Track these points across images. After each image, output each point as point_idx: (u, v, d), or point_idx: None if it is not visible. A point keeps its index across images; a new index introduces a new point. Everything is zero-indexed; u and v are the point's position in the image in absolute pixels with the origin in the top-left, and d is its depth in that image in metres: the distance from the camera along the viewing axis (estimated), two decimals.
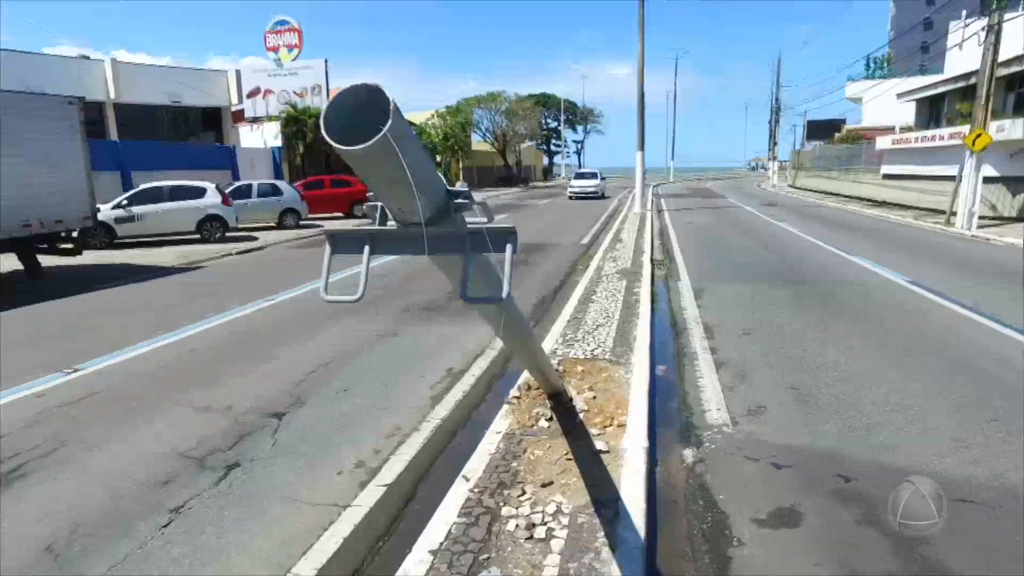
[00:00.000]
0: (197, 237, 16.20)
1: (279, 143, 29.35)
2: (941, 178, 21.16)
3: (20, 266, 10.97)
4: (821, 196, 34.26)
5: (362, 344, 6.62)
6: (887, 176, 27.97)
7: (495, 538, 2.99)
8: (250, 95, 30.85)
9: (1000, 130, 17.58)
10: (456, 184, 1.65)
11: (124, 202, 15.44)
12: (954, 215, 17.26)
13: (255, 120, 30.88)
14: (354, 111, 1.33)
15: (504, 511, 3.23)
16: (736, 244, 14.75)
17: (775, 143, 54.92)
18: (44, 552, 3.13)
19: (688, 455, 4.10)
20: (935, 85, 25.13)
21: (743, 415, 4.67)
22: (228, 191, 17.82)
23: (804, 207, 26.60)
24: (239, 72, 31.21)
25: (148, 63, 31.54)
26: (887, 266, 10.87)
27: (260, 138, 30.11)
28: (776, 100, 54.41)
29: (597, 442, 3.99)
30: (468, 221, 1.75)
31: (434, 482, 3.84)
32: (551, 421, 4.36)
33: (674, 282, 10.17)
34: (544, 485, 3.50)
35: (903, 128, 29.79)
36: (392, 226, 1.67)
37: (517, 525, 3.08)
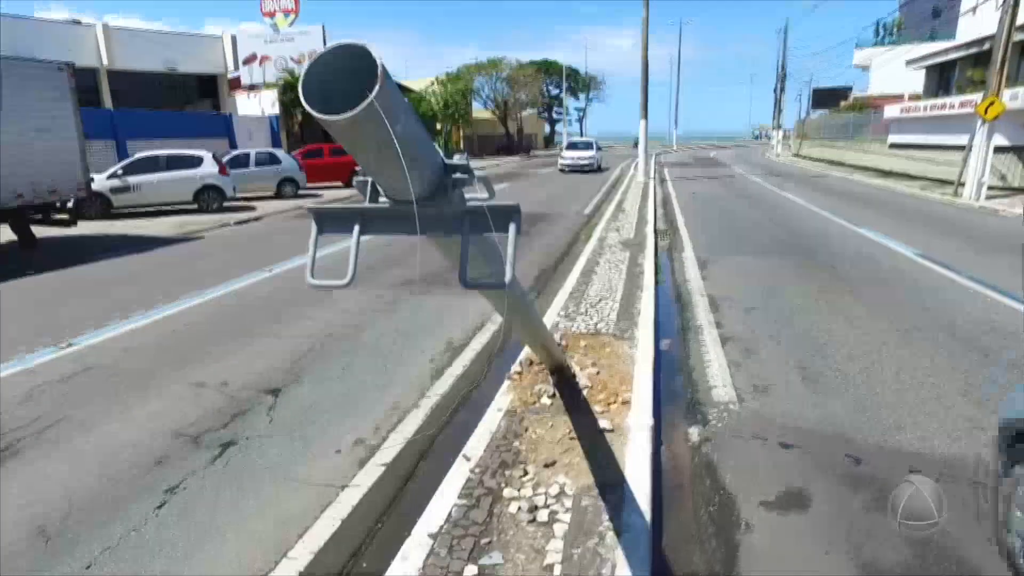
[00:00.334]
0: (194, 207, 15.99)
1: (277, 111, 28.84)
2: (950, 147, 20.78)
3: (14, 237, 10.82)
4: (826, 166, 33.79)
5: (361, 317, 6.51)
6: (894, 146, 27.51)
7: (496, 521, 2.92)
8: (246, 62, 30.24)
9: (1014, 98, 17.15)
10: (455, 156, 1.49)
11: (119, 172, 15.19)
12: (962, 186, 16.96)
13: (252, 87, 30.30)
14: (338, 75, 1.18)
15: (506, 492, 3.15)
16: (740, 215, 14.54)
17: (780, 111, 53.92)
18: (36, 534, 3.06)
19: (694, 433, 4.01)
20: (946, 51, 24.50)
21: (750, 392, 4.58)
22: (225, 160, 17.53)
23: (809, 177, 26.24)
24: (235, 38, 30.53)
25: (142, 28, 30.83)
26: (894, 238, 10.69)
27: (257, 106, 29.58)
28: (782, 68, 53.34)
29: (601, 420, 3.90)
30: (468, 197, 1.61)
31: (434, 461, 3.76)
32: (554, 398, 4.27)
33: (678, 253, 10.02)
34: (547, 465, 3.42)
35: (912, 96, 29.19)
36: (384, 203, 1.53)
37: (519, 508, 3.00)
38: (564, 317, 6.17)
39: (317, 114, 1.12)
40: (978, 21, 21.74)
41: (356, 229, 1.50)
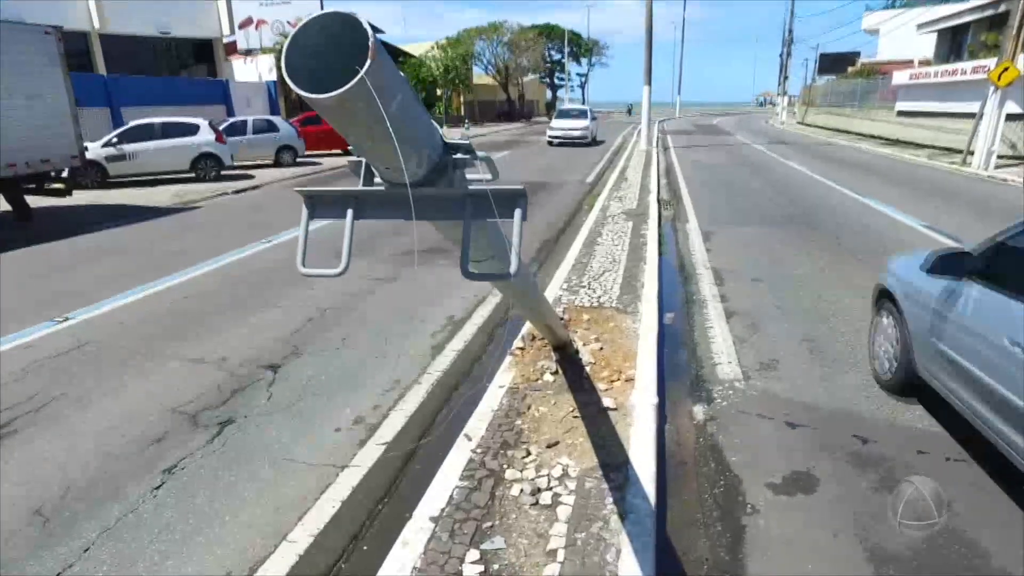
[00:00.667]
0: (192, 176, 15.78)
1: (274, 77, 28.28)
2: (960, 115, 20.40)
3: (7, 208, 10.67)
4: (831, 133, 33.29)
5: (361, 290, 6.42)
6: (902, 113, 27.02)
7: (498, 504, 2.87)
8: (242, 26, 29.59)
9: None
10: (459, 136, 1.38)
11: (114, 140, 14.94)
12: (971, 154, 16.68)
13: (248, 52, 29.70)
14: (326, 47, 1.06)
15: (508, 474, 3.10)
16: (745, 184, 14.33)
17: (786, 77, 52.82)
18: (33, 516, 3.02)
19: (698, 412, 3.96)
20: (959, 14, 23.85)
21: (755, 369, 4.51)
22: (222, 128, 17.23)
23: (814, 145, 25.87)
24: (230, 1, 29.75)
25: None
26: (901, 209, 10.53)
27: (254, 71, 29.00)
28: (788, 31, 52.09)
29: (605, 398, 3.84)
30: (470, 178, 1.49)
31: (435, 440, 3.71)
32: (556, 375, 4.20)
33: (681, 224, 9.89)
34: (550, 446, 3.36)
35: (922, 62, 28.55)
36: (380, 185, 1.42)
37: (522, 490, 2.95)
38: (567, 290, 6.08)
39: (301, 92, 1.00)
40: None
41: (350, 214, 1.40)
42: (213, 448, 3.58)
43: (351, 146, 1.27)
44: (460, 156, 1.35)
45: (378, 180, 1.44)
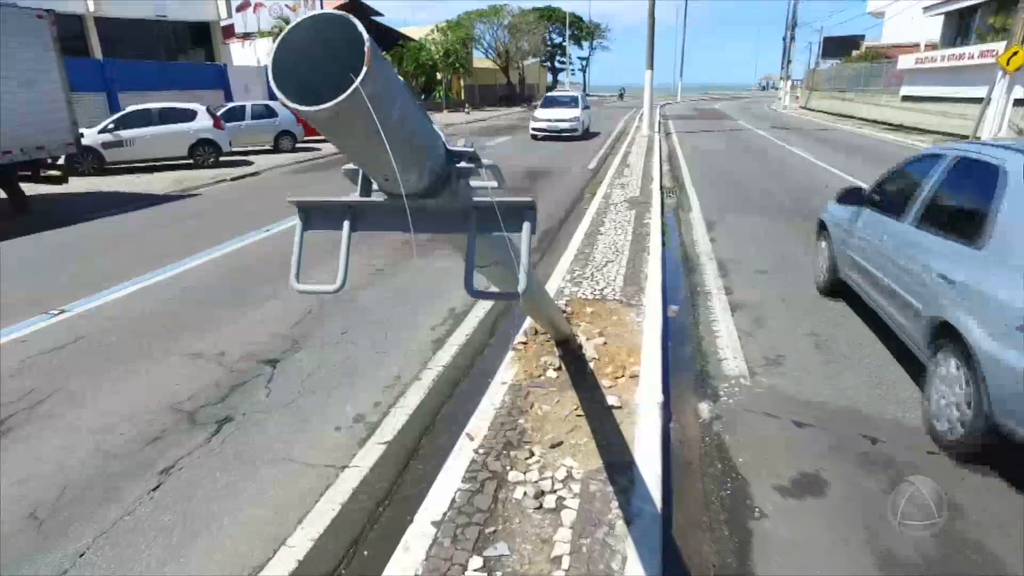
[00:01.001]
0: (190, 162, 15.63)
1: None
2: (966, 100, 20.17)
3: (3, 196, 10.55)
4: (835, 119, 32.96)
5: (361, 281, 6.33)
6: (907, 98, 26.74)
7: (502, 507, 2.81)
8: (240, 8, 29.23)
9: None
10: (460, 142, 1.29)
11: (111, 126, 14.76)
12: (977, 139, 16.50)
13: (246, 36, 29.36)
14: (318, 51, 0.98)
15: (511, 476, 3.04)
16: (748, 171, 14.19)
17: (789, 61, 52.18)
18: (28, 519, 2.97)
19: (704, 410, 3.90)
20: None
21: (761, 365, 4.44)
22: (220, 113, 17.04)
23: (817, 131, 25.61)
24: None
25: None
26: None
27: (253, 55, 28.72)
28: (792, 14, 51.42)
29: (609, 396, 3.77)
30: (475, 185, 1.41)
31: (436, 439, 3.66)
32: (560, 371, 4.14)
33: (685, 213, 9.78)
34: (553, 446, 3.30)
35: (928, 46, 28.22)
36: (379, 195, 1.33)
37: (525, 493, 2.90)
38: (569, 282, 6.00)
39: (289, 103, 0.92)
40: None
41: (346, 226, 1.32)
42: (211, 447, 3.53)
43: (346, 157, 1.18)
44: (464, 165, 1.26)
45: (376, 188, 1.36)
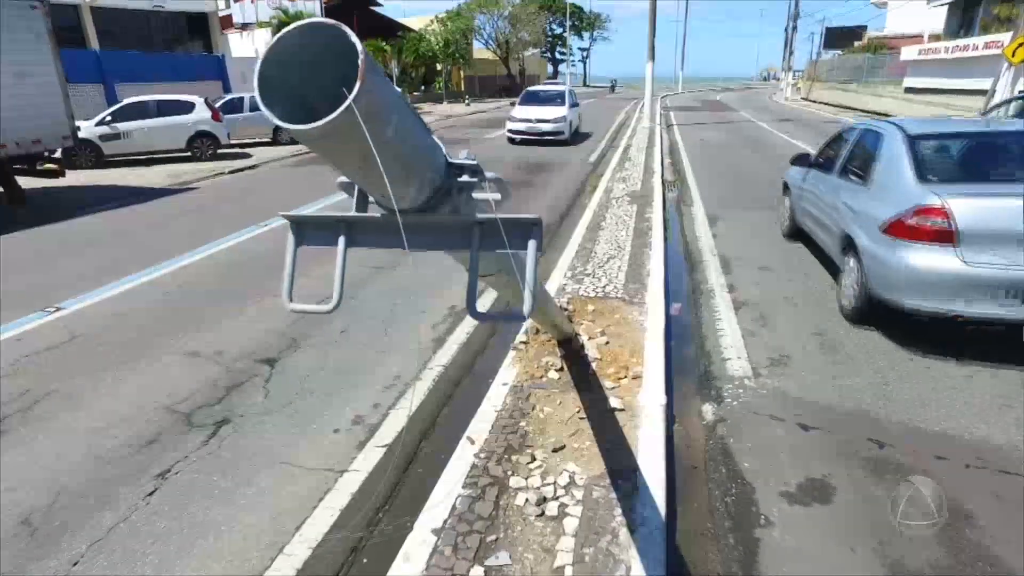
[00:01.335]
0: (188, 155, 15.51)
1: None
2: (970, 92, 20.03)
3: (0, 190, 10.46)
4: (837, 110, 32.72)
5: (360, 278, 6.26)
6: (910, 89, 26.58)
7: (503, 515, 2.77)
8: None
9: None
10: (461, 154, 1.22)
11: (108, 118, 14.64)
12: None
13: (244, 26, 29.12)
14: (309, 62, 0.91)
15: (512, 482, 2.99)
16: (751, 164, 14.08)
17: (791, 52, 51.80)
18: (21, 525, 2.92)
19: (708, 412, 3.84)
20: None
21: (766, 365, 4.38)
22: (218, 105, 16.90)
23: (820, 123, 25.42)
24: None
25: None
26: None
27: (251, 46, 28.49)
28: (795, 4, 50.95)
29: (611, 398, 3.72)
30: (477, 197, 1.34)
31: (437, 442, 3.61)
32: (561, 372, 4.08)
33: (687, 207, 9.70)
34: (555, 450, 3.25)
35: (932, 37, 28.00)
36: (376, 209, 1.27)
37: (527, 500, 2.85)
38: (571, 279, 5.94)
39: (276, 120, 0.85)
40: None
41: (342, 241, 1.25)
42: (208, 450, 3.47)
43: (341, 173, 1.12)
44: (466, 179, 1.19)
45: (373, 201, 1.29)
